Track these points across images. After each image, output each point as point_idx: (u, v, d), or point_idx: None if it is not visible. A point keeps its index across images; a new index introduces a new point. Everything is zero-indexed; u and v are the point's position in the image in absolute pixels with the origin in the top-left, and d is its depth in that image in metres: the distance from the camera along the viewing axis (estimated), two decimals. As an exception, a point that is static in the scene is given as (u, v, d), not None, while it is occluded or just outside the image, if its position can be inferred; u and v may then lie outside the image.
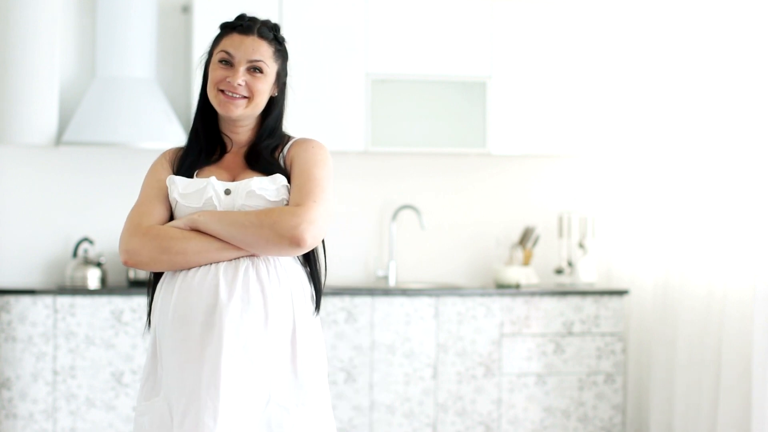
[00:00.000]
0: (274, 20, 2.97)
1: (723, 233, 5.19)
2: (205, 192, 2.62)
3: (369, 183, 6.06)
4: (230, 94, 2.66)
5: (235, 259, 2.60)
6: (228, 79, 2.66)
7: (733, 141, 5.14)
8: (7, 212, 5.74)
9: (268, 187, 2.63)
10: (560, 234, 6.05)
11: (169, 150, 2.77)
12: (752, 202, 5.00)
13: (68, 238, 5.77)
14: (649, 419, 5.73)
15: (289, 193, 2.64)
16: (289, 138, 2.78)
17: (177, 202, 2.64)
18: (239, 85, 2.66)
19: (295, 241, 2.54)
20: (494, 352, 5.65)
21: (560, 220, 6.06)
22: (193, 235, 2.58)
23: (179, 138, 5.53)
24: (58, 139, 5.56)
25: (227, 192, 2.63)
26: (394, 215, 6.02)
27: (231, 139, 2.74)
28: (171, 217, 2.68)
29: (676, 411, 5.47)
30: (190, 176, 2.68)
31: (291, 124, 3.09)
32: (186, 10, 5.83)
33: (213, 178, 2.64)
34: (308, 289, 2.69)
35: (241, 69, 2.66)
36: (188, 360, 2.56)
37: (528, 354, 5.67)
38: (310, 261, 2.72)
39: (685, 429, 5.40)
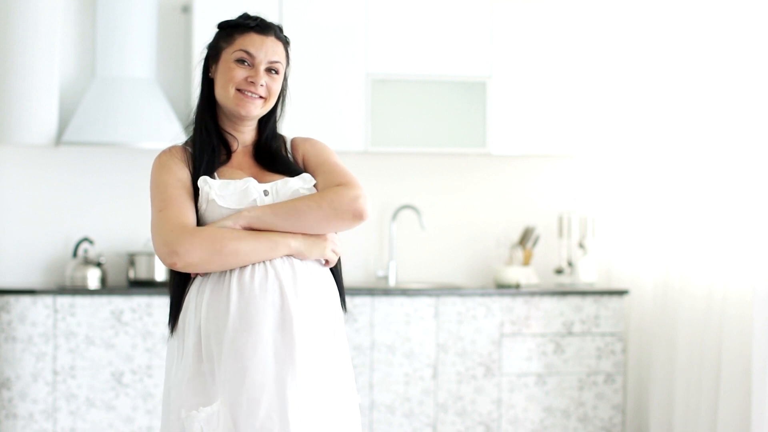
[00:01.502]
0: (274, 20, 2.97)
1: (723, 234, 5.19)
2: (247, 193, 2.61)
3: (369, 183, 6.05)
4: (250, 94, 2.66)
5: (285, 256, 2.61)
6: (251, 79, 2.65)
7: (733, 141, 5.14)
8: (7, 212, 5.74)
9: (304, 187, 2.66)
10: (560, 234, 6.06)
11: (174, 148, 2.72)
12: (752, 203, 5.00)
13: (68, 238, 5.77)
14: (649, 419, 5.74)
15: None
16: (283, 137, 2.80)
17: (212, 203, 2.60)
18: (261, 85, 2.66)
19: (357, 214, 2.62)
20: (494, 352, 5.65)
21: (560, 220, 6.06)
22: (244, 234, 2.56)
23: (180, 138, 5.52)
24: (58, 139, 5.56)
25: (266, 193, 2.63)
26: (394, 215, 6.02)
27: (236, 138, 2.74)
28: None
29: (676, 411, 5.47)
30: (212, 177, 2.65)
31: (291, 124, 3.09)
32: (186, 10, 5.83)
33: (252, 180, 2.64)
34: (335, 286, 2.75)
35: (262, 69, 2.66)
36: (263, 361, 2.52)
37: (528, 354, 5.67)
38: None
39: (685, 429, 5.40)
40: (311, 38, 5.69)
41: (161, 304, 5.37)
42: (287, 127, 2.90)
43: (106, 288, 5.48)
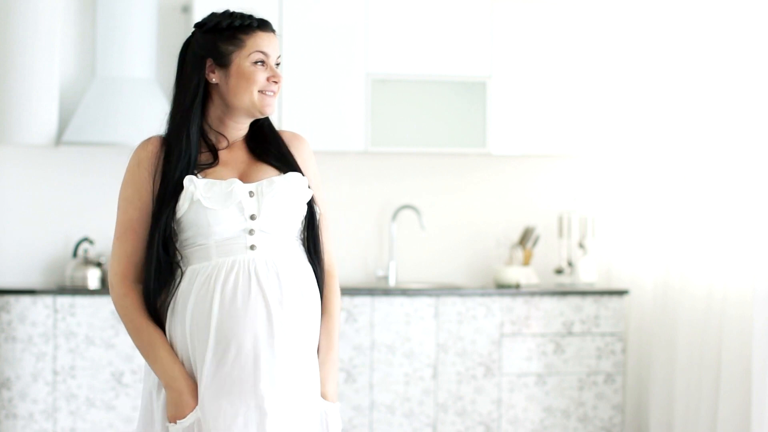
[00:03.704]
0: (274, 20, 2.96)
1: (723, 234, 5.19)
2: (232, 195, 2.58)
3: (369, 183, 6.06)
4: (270, 93, 2.65)
5: (265, 259, 2.59)
6: (273, 79, 2.64)
7: (733, 141, 5.14)
8: (7, 212, 5.74)
9: (288, 188, 2.63)
10: (560, 234, 6.05)
11: (151, 143, 2.68)
12: (752, 203, 5.00)
13: (68, 238, 5.77)
14: (649, 419, 5.74)
15: (305, 187, 2.67)
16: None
17: (197, 204, 2.57)
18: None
19: None
20: (494, 352, 5.65)
21: (560, 220, 6.06)
22: (143, 332, 2.59)
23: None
24: (58, 139, 5.56)
25: (251, 194, 2.61)
26: (394, 215, 6.02)
27: (227, 137, 2.69)
28: (163, 230, 2.60)
29: (676, 411, 5.47)
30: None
31: (292, 124, 3.09)
32: (186, 10, 5.83)
33: (237, 181, 2.61)
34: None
35: (275, 67, 2.65)
36: (243, 374, 2.53)
37: (528, 354, 5.67)
38: (318, 261, 2.73)
39: (685, 429, 5.40)
40: (311, 38, 5.69)
41: (161, 304, 5.37)
42: (287, 127, 2.90)
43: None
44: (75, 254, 5.61)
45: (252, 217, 2.59)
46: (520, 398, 5.66)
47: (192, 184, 2.58)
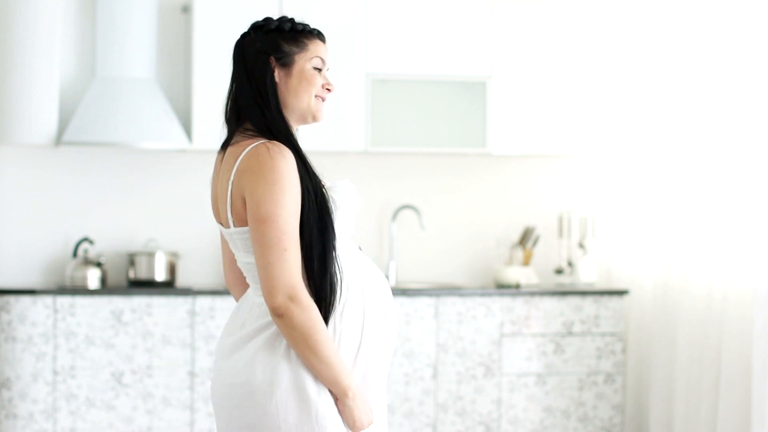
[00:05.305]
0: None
1: (723, 234, 5.19)
2: (357, 199, 2.68)
3: (369, 183, 6.06)
4: (322, 100, 2.67)
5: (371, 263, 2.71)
6: (327, 86, 2.66)
7: (733, 141, 5.14)
8: (7, 212, 5.74)
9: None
10: (560, 234, 6.06)
11: (289, 150, 2.55)
12: (752, 203, 5.00)
13: (68, 238, 5.77)
14: (649, 419, 5.74)
15: None
16: None
17: (346, 209, 2.61)
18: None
19: None
20: (494, 352, 5.65)
21: (560, 220, 6.06)
22: (329, 342, 2.52)
23: (179, 138, 5.53)
24: (58, 139, 5.56)
25: None
26: (394, 215, 6.02)
27: None
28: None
29: (676, 411, 5.47)
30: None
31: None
32: (186, 10, 5.83)
33: (351, 184, 2.70)
34: None
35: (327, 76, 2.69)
36: (384, 367, 2.67)
37: (528, 354, 5.67)
38: None
39: (685, 429, 5.40)
40: (311, 38, 5.69)
41: (161, 303, 5.37)
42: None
43: (106, 288, 5.48)
44: (75, 254, 5.61)
45: None
46: (520, 398, 5.66)
47: (344, 188, 2.62)
